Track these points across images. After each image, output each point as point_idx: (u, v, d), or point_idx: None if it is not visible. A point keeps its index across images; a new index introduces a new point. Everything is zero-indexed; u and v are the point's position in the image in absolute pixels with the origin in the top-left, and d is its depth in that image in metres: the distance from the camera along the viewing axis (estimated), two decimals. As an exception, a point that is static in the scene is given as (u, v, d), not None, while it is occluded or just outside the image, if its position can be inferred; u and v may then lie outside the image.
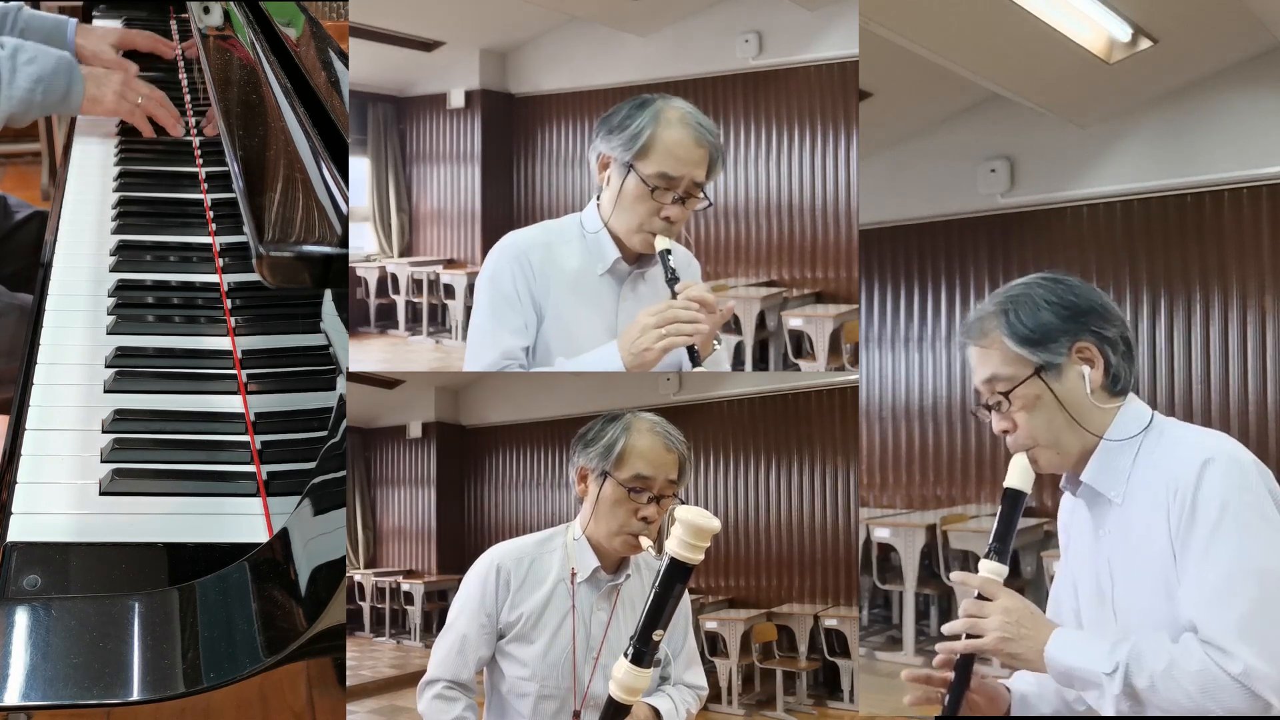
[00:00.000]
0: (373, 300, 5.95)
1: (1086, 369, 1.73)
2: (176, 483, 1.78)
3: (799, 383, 4.69)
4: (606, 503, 1.97)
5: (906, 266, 4.69)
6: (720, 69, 5.12)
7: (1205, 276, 4.09)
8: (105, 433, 1.90)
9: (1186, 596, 1.64)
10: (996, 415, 1.77)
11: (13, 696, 1.39)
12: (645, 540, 1.97)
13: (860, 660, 4.32)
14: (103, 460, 1.83)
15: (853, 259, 4.82)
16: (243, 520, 1.73)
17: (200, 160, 2.97)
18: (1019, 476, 1.76)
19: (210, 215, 2.71)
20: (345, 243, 1.56)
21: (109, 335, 2.23)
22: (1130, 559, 1.71)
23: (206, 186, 2.85)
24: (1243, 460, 1.66)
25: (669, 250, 1.99)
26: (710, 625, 4.52)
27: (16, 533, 1.64)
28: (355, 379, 2.31)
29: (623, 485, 1.96)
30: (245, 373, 2.09)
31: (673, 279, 1.97)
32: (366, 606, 5.65)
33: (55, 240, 2.59)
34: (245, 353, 2.15)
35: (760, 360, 4.86)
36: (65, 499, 1.74)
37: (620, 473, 1.96)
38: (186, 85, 3.31)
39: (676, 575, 1.69)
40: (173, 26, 3.68)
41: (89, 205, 2.80)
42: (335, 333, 1.72)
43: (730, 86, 5.12)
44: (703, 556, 1.68)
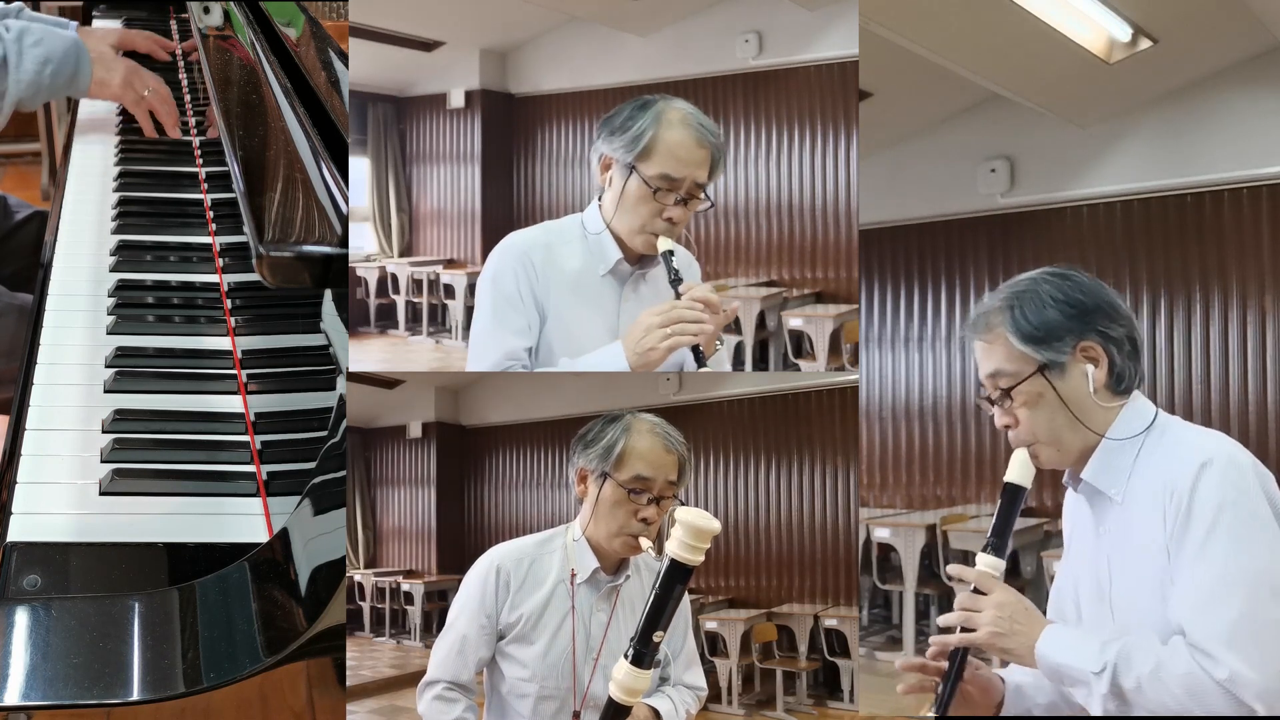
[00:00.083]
0: (373, 300, 5.95)
1: (1090, 368, 1.73)
2: (176, 483, 1.78)
3: (799, 383, 4.69)
4: (606, 504, 1.97)
5: (906, 266, 4.69)
6: (720, 69, 5.12)
7: (1205, 276, 4.09)
8: (105, 433, 1.90)
9: (1177, 599, 1.63)
10: (998, 410, 1.77)
11: (13, 696, 1.39)
12: (645, 541, 1.97)
13: (860, 660, 4.32)
14: (103, 460, 1.83)
15: (853, 259, 4.82)
16: (243, 520, 1.73)
17: (200, 160, 2.97)
18: (1019, 471, 1.76)
19: (210, 215, 2.71)
20: (345, 243, 1.56)
21: (109, 335, 2.23)
22: (1128, 558, 1.71)
23: (206, 186, 2.85)
24: (1241, 463, 1.65)
25: (672, 251, 1.99)
26: (710, 625, 4.51)
27: (16, 533, 1.64)
28: (355, 379, 2.31)
29: (622, 486, 1.96)
30: (245, 373, 2.09)
31: (676, 279, 1.97)
32: (366, 606, 5.65)
33: (55, 240, 2.59)
34: (245, 353, 2.15)
35: (760, 360, 4.86)
36: (65, 499, 1.74)
37: (620, 474, 1.96)
38: (186, 85, 3.31)
39: (677, 576, 1.69)
40: (173, 26, 3.68)
41: (89, 205, 2.80)
42: (335, 333, 1.72)
43: (730, 86, 5.12)
44: (703, 558, 1.67)
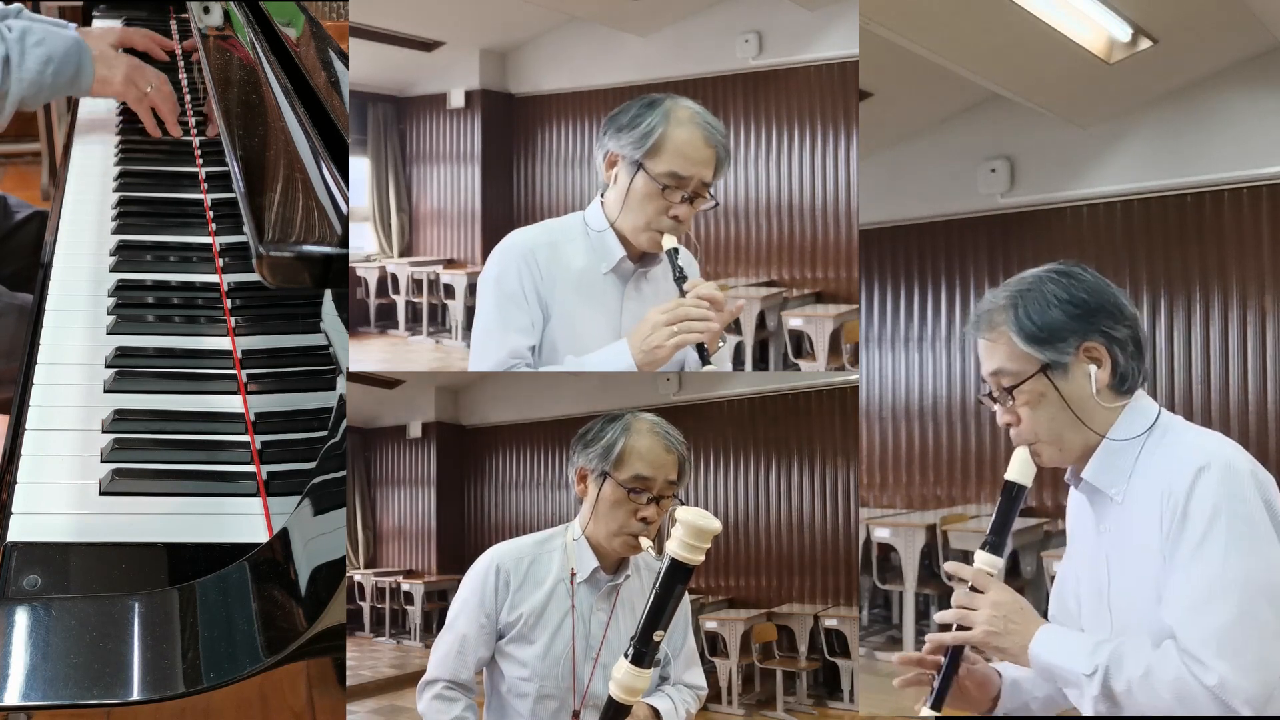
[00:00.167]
0: (373, 300, 5.95)
1: (1093, 368, 1.72)
2: (176, 483, 1.78)
3: (799, 383, 4.68)
4: (606, 503, 1.97)
5: (906, 266, 4.69)
6: (720, 69, 5.12)
7: (1205, 276, 4.09)
8: (105, 433, 1.90)
9: (1169, 603, 1.63)
10: (1000, 408, 1.76)
11: (13, 696, 1.39)
12: (645, 541, 1.97)
13: (860, 660, 4.31)
14: (103, 460, 1.83)
15: (853, 259, 4.82)
16: (243, 520, 1.73)
17: (200, 160, 2.97)
18: (1019, 470, 1.76)
19: (210, 215, 2.71)
20: (345, 243, 1.56)
21: (109, 335, 2.23)
22: (1127, 557, 1.71)
23: (206, 186, 2.85)
24: (1239, 468, 1.64)
25: (677, 249, 1.98)
26: (710, 625, 4.51)
27: (16, 533, 1.64)
28: (355, 379, 2.31)
29: (622, 486, 1.96)
30: (245, 373, 2.09)
31: (681, 278, 1.97)
32: (366, 606, 5.65)
33: (55, 240, 2.59)
34: (245, 353, 2.15)
35: (760, 360, 4.86)
36: (65, 499, 1.74)
37: (620, 473, 1.96)
38: (187, 85, 3.31)
39: (677, 576, 1.69)
40: (172, 26, 3.68)
41: (89, 205, 2.80)
42: (335, 333, 1.72)
43: (730, 86, 5.12)
44: (703, 558, 1.67)
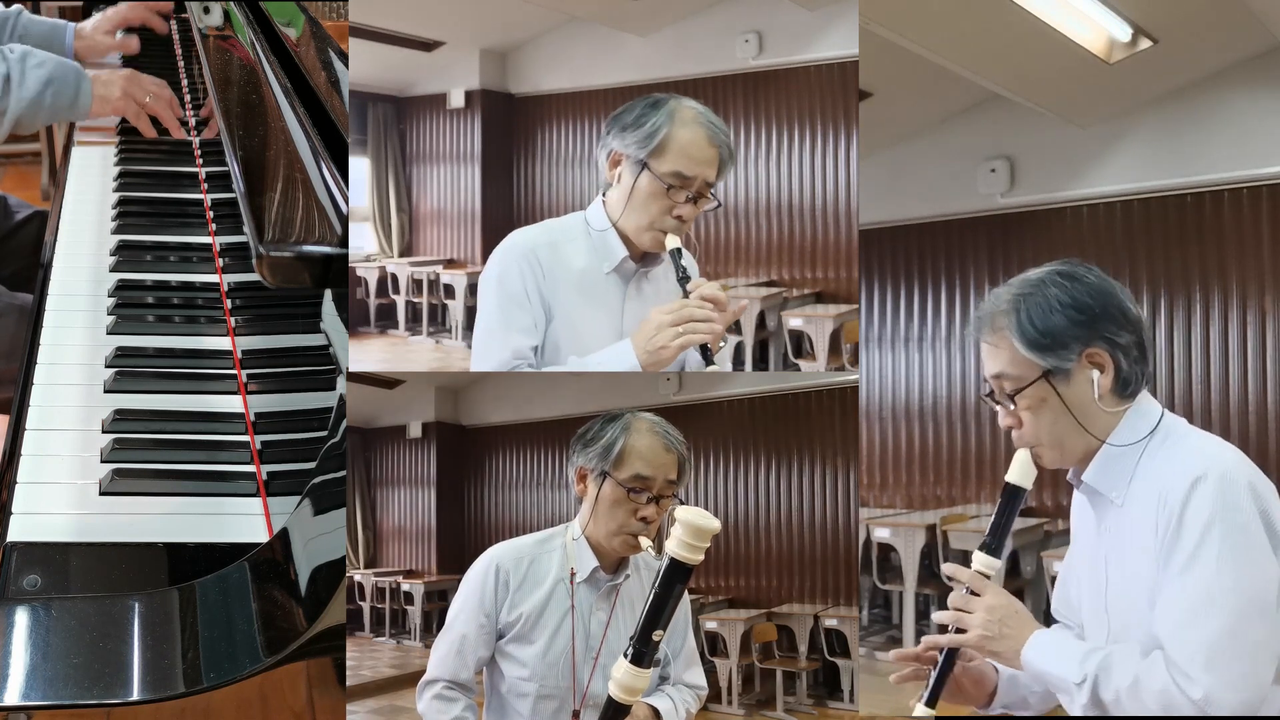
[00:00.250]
0: (373, 300, 5.95)
1: (1096, 374, 1.71)
2: (176, 483, 1.79)
3: (799, 383, 4.68)
4: (606, 503, 1.97)
5: (906, 266, 4.69)
6: (720, 69, 5.12)
7: (1205, 276, 4.09)
8: (105, 433, 1.90)
9: (1160, 613, 1.63)
10: (1002, 411, 1.76)
11: (13, 696, 1.39)
12: (645, 540, 1.97)
13: (860, 660, 4.31)
14: (103, 460, 1.83)
15: (853, 259, 4.82)
16: (243, 520, 1.73)
17: (200, 160, 2.97)
18: (1020, 472, 1.76)
19: (210, 215, 2.71)
20: (345, 243, 1.56)
21: (109, 335, 2.23)
22: (1125, 560, 1.71)
23: (206, 186, 2.85)
24: (1236, 479, 1.63)
25: (680, 250, 1.98)
26: (710, 625, 4.51)
27: (16, 533, 1.64)
28: (355, 379, 2.31)
29: (622, 485, 1.96)
30: (245, 373, 2.09)
31: (684, 278, 1.97)
32: (366, 606, 5.65)
33: (55, 240, 2.59)
34: (245, 353, 2.15)
35: (760, 360, 4.86)
36: (65, 499, 1.74)
37: (619, 473, 1.96)
38: (187, 86, 3.31)
39: (676, 576, 1.69)
40: (172, 26, 3.69)
41: (89, 205, 2.80)
42: (335, 333, 1.72)
43: (730, 86, 5.12)
44: (702, 557, 1.68)
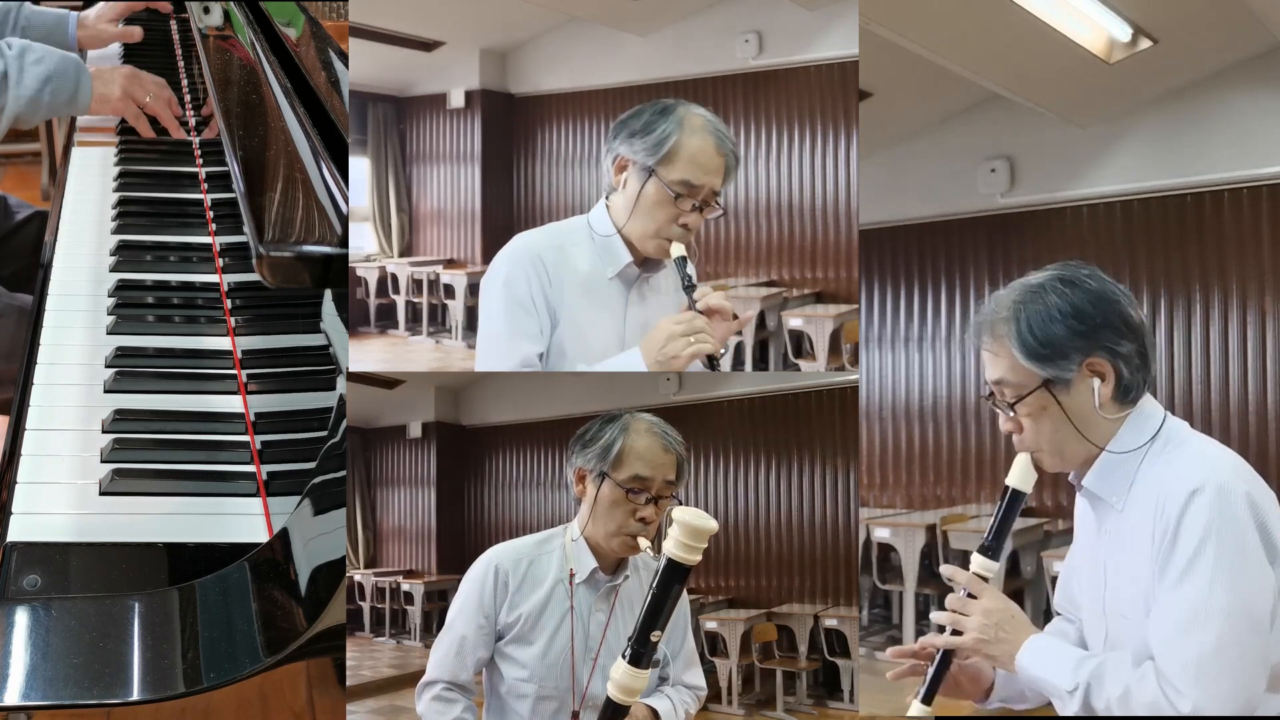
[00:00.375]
0: (373, 300, 5.95)
1: (1097, 382, 1.70)
2: (176, 483, 1.79)
3: (799, 383, 4.69)
4: (604, 503, 1.97)
5: (906, 266, 4.69)
6: (720, 69, 5.12)
7: (1205, 276, 4.09)
8: (105, 433, 1.91)
9: (1153, 625, 1.64)
10: (1003, 416, 1.76)
11: (13, 696, 1.39)
12: (643, 541, 1.97)
13: (860, 660, 4.31)
14: (103, 460, 1.83)
15: (853, 259, 4.82)
16: (243, 520, 1.73)
17: (200, 160, 2.97)
18: (1020, 476, 1.76)
19: (210, 215, 2.71)
20: (345, 243, 1.56)
21: (109, 335, 2.23)
22: (1123, 564, 1.71)
23: (206, 186, 2.85)
24: (1233, 491, 1.62)
25: (685, 257, 1.98)
26: (710, 625, 4.51)
27: (16, 533, 1.64)
28: (355, 379, 2.31)
29: (621, 486, 1.96)
30: (245, 373, 2.09)
31: (690, 286, 1.97)
32: (366, 606, 5.65)
33: (55, 240, 2.59)
34: (245, 353, 2.15)
35: (760, 360, 4.86)
36: (65, 499, 1.74)
37: (618, 473, 1.96)
38: (187, 86, 3.31)
39: (674, 576, 1.69)
40: (172, 26, 3.69)
41: (89, 205, 2.80)
42: (335, 333, 1.72)
43: (730, 86, 5.12)
44: (700, 557, 1.68)
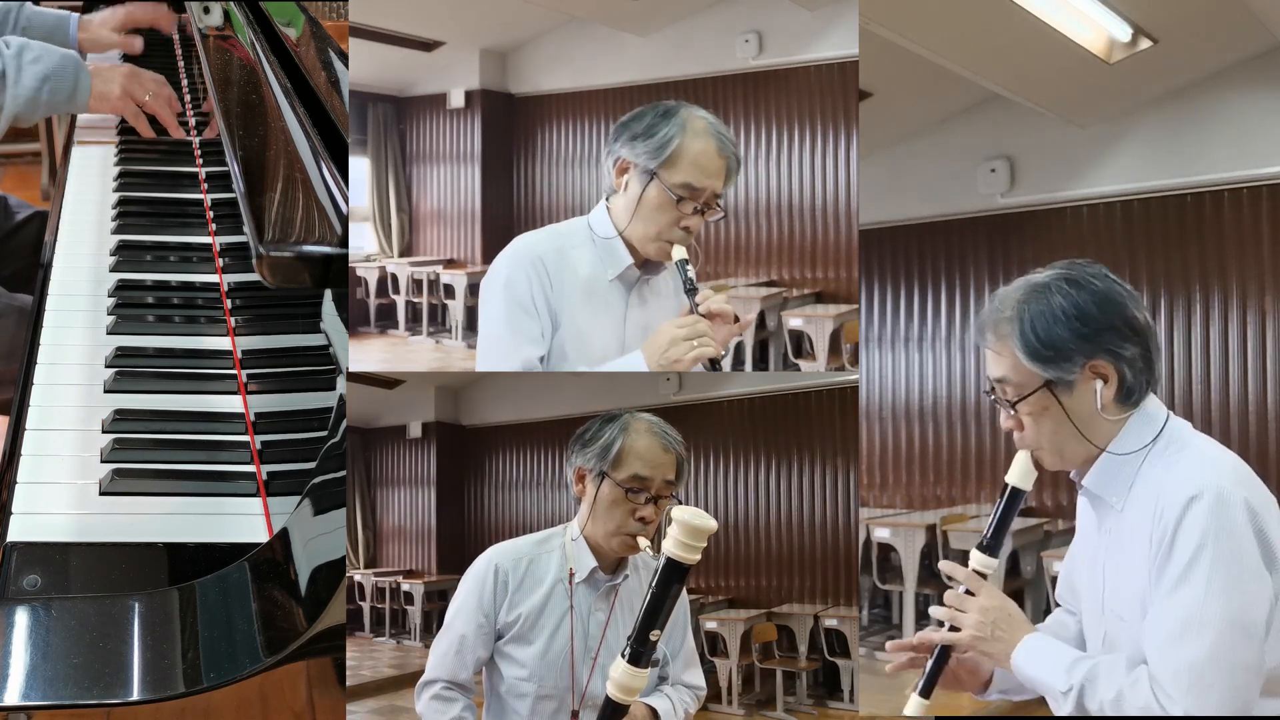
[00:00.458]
0: (373, 300, 5.95)
1: (1099, 384, 1.70)
2: (176, 483, 1.79)
3: (799, 383, 4.69)
4: (604, 503, 1.97)
5: (906, 266, 4.69)
6: (720, 69, 5.12)
7: (1205, 276, 4.09)
8: (105, 433, 1.91)
9: (1148, 630, 1.64)
10: (1004, 414, 1.76)
11: (13, 696, 1.39)
12: (643, 540, 1.97)
13: (860, 660, 4.32)
14: (103, 460, 1.83)
15: (853, 259, 4.82)
16: (243, 520, 1.73)
17: (200, 160, 2.97)
18: (1020, 474, 1.76)
19: (210, 215, 2.71)
20: (345, 243, 1.56)
21: (109, 335, 2.23)
22: (1122, 564, 1.71)
23: (206, 186, 2.85)
24: (1231, 499, 1.61)
25: (686, 260, 1.98)
26: (710, 625, 4.52)
27: (16, 533, 1.64)
28: (355, 379, 2.31)
29: (620, 486, 1.96)
30: (245, 373, 2.09)
31: (692, 289, 1.97)
32: (366, 606, 5.65)
33: (55, 240, 2.59)
34: (245, 353, 2.15)
35: (760, 360, 4.86)
36: (65, 499, 1.74)
37: (618, 473, 1.96)
38: (187, 86, 3.31)
39: (673, 576, 1.69)
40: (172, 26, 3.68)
41: (89, 205, 2.80)
42: (335, 333, 1.72)
43: (730, 86, 5.12)
44: (699, 557, 1.68)
